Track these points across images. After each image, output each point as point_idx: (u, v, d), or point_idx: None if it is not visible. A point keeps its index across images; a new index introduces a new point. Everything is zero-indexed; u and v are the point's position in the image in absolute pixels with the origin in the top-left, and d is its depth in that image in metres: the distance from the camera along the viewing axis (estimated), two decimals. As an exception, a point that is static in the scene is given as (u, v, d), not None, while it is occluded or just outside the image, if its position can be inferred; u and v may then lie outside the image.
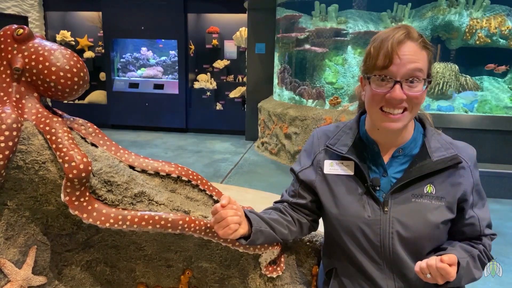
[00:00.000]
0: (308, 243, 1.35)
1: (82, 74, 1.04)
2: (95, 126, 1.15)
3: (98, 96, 8.01)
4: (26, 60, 1.00)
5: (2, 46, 1.01)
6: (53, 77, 1.01)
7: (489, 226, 1.15)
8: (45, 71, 1.00)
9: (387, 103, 1.03)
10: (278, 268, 1.26)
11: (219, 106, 7.75)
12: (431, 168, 1.08)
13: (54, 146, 0.99)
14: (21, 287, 1.07)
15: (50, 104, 1.17)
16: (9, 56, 1.01)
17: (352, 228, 1.12)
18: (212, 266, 1.28)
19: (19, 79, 1.01)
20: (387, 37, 1.02)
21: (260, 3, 6.60)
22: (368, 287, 1.14)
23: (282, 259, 1.28)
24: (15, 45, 1.01)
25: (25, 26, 1.02)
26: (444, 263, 0.95)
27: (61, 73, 1.01)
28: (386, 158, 1.14)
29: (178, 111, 7.58)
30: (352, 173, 1.15)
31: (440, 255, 1.00)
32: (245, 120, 7.18)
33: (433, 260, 0.97)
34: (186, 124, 7.69)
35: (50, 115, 1.03)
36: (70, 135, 1.01)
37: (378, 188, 1.11)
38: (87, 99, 8.03)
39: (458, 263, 1.01)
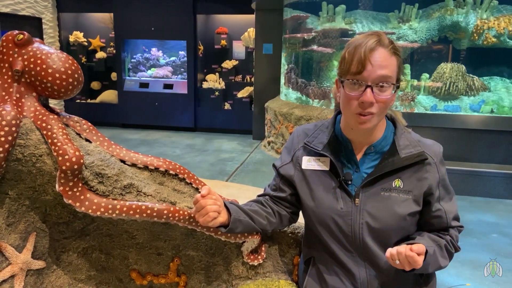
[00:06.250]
0: (290, 235, 1.43)
1: (76, 75, 1.14)
2: (89, 123, 1.25)
3: (109, 96, 8.19)
4: (26, 62, 1.11)
5: (4, 50, 1.11)
6: (50, 78, 1.11)
7: (456, 218, 1.22)
8: (43, 73, 1.10)
9: (361, 107, 1.11)
10: (259, 257, 1.34)
11: (227, 106, 7.85)
12: (399, 164, 1.15)
13: (49, 140, 1.09)
14: (21, 269, 1.17)
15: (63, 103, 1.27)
16: (11, 59, 1.11)
17: (326, 219, 1.20)
18: (198, 254, 1.36)
19: (19, 80, 1.12)
20: (360, 44, 1.09)
21: (267, 4, 6.68)
22: (342, 273, 1.22)
23: (263, 249, 1.36)
24: (16, 49, 1.11)
25: (25, 32, 1.13)
26: (413, 252, 1.03)
27: (57, 75, 1.11)
28: (359, 155, 1.22)
29: (187, 111, 7.72)
30: (327, 169, 1.23)
31: (410, 243, 1.07)
32: (252, 119, 7.27)
33: (403, 248, 1.04)
34: (195, 123, 7.82)
35: (47, 113, 1.13)
36: (64, 131, 1.11)
37: (350, 182, 1.19)
38: (99, 99, 8.22)
39: (426, 252, 1.08)
